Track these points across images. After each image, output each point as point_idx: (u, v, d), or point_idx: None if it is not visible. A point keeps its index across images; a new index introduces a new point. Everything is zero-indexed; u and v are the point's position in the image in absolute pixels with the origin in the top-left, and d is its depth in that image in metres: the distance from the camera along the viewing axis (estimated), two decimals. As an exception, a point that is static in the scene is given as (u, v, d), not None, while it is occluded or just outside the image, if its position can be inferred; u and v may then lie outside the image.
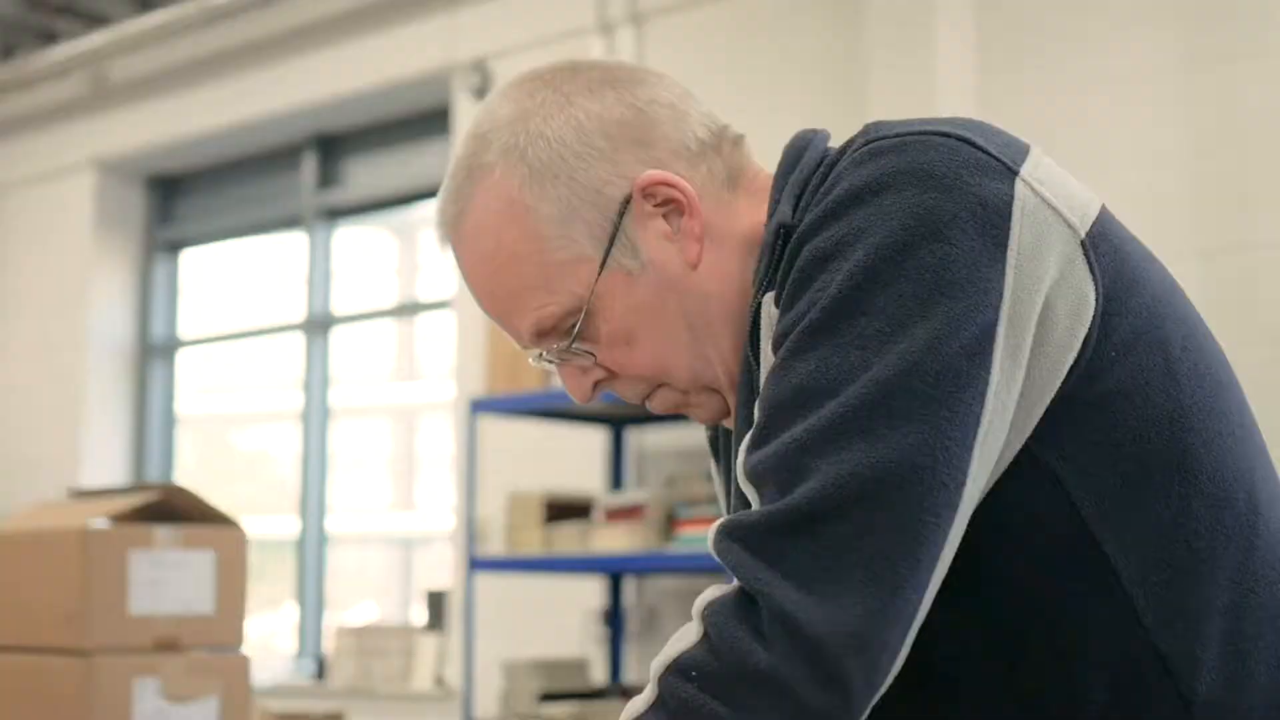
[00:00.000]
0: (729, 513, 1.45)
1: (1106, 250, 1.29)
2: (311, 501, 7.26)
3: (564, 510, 5.14)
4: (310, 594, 7.20)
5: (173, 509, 3.22)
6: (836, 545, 1.19)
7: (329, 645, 6.86)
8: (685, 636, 1.24)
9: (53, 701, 3.04)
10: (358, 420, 7.94)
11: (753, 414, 1.31)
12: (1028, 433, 1.26)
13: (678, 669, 1.23)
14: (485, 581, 5.45)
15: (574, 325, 1.38)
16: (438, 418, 7.77)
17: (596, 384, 1.42)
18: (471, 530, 5.27)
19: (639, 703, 1.24)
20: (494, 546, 5.32)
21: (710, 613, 1.23)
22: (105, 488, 3.43)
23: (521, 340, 1.41)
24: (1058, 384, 1.26)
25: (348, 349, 7.63)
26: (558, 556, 5.09)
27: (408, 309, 7.65)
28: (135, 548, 3.06)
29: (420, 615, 6.71)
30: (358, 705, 6.34)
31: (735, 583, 1.23)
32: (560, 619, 5.74)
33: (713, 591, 1.25)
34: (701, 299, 1.38)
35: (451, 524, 6.16)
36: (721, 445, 1.51)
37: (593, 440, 5.70)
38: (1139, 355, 1.28)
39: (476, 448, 5.33)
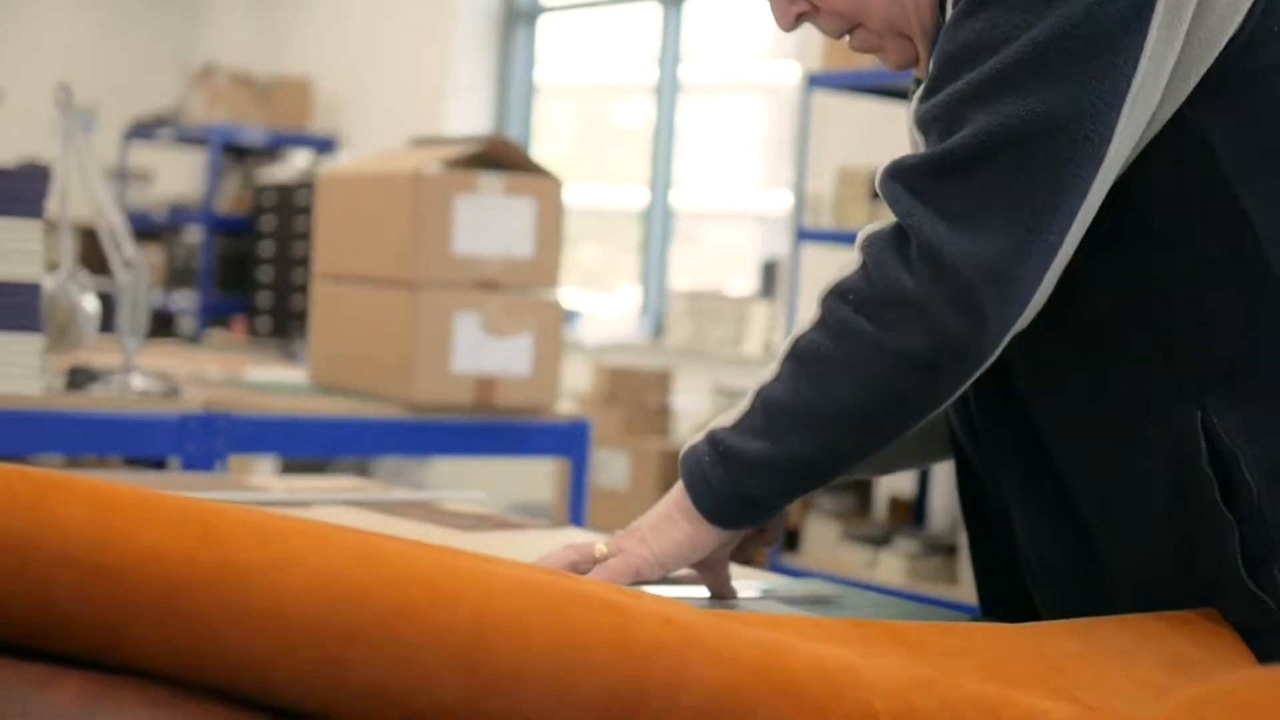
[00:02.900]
0: None
1: None
2: (659, 174, 7.52)
3: (891, 187, 5.22)
4: (655, 261, 7.51)
5: (499, 159, 3.43)
6: (983, 187, 1.31)
7: (669, 309, 7.19)
8: (848, 266, 1.38)
9: (384, 329, 3.35)
10: (730, 96, 8.07)
11: None
12: (1182, 98, 1.34)
13: (838, 292, 1.37)
14: (813, 253, 5.62)
15: None
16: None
17: (799, 15, 1.51)
18: (800, 203, 5.43)
19: (805, 323, 1.39)
20: (823, 219, 5.48)
21: (868, 243, 1.37)
22: (441, 137, 3.67)
23: None
24: (1215, 53, 1.33)
25: (721, 25, 7.72)
26: (882, 232, 5.20)
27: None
28: (461, 192, 3.30)
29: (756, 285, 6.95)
30: (689, 365, 6.67)
31: (893, 218, 1.37)
32: (883, 294, 5.88)
33: (873, 225, 1.38)
34: None
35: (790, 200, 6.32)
36: None
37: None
38: None
39: (809, 123, 5.44)
